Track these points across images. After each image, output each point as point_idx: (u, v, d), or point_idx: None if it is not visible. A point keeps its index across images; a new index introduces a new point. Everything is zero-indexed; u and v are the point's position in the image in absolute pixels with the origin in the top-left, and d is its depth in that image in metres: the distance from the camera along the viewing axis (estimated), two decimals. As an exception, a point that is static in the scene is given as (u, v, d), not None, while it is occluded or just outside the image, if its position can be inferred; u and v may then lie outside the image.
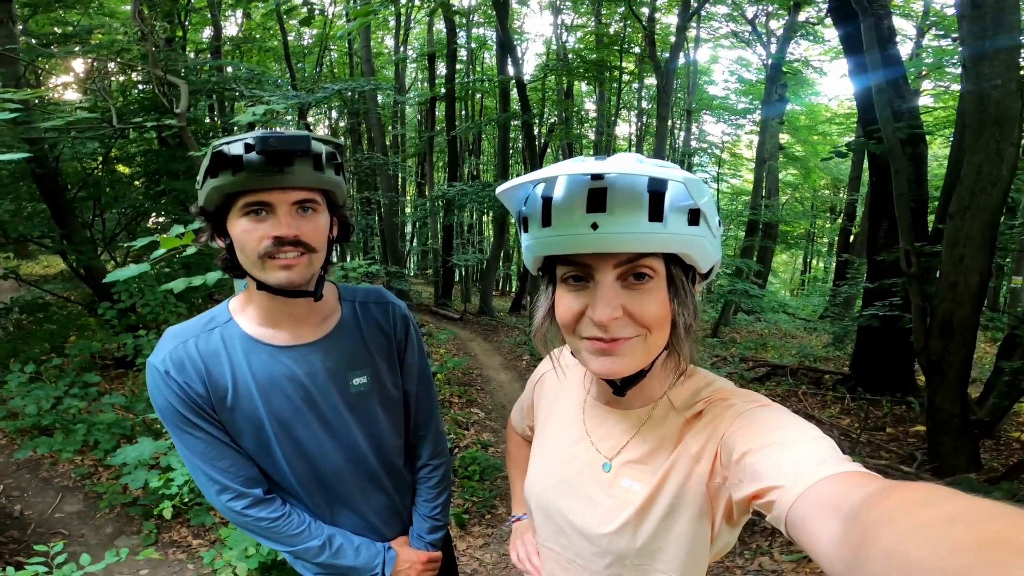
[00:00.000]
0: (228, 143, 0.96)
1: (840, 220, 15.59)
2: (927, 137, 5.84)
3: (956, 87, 9.11)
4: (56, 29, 8.08)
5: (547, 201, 0.70)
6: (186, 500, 2.47)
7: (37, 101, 4.69)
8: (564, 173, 0.65)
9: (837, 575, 0.48)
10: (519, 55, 12.15)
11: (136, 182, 7.64)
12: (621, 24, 13.61)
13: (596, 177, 0.67)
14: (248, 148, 0.95)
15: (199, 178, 1.01)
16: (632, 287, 0.70)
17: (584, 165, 0.65)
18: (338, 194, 1.09)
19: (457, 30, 13.71)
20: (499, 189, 0.72)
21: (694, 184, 0.66)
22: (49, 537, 3.20)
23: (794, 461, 0.58)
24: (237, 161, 0.95)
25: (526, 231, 0.75)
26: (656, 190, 0.66)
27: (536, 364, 0.99)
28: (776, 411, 0.70)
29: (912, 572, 0.40)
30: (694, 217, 0.68)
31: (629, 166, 0.65)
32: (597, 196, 0.66)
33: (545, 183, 0.72)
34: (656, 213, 0.66)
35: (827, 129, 17.31)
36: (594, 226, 0.66)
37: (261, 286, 1.05)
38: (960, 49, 3.42)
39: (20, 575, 1.65)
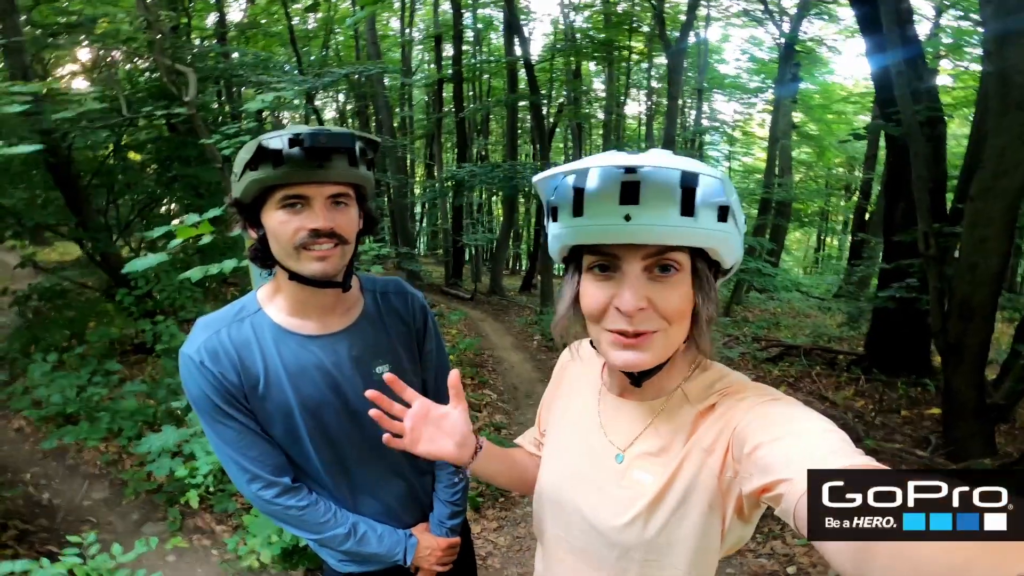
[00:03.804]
0: (270, 137, 0.99)
1: (855, 199, 15.37)
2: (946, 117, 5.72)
3: (976, 67, 8.89)
4: (60, 19, 8.05)
5: (579, 192, 0.71)
6: (211, 488, 2.53)
7: (46, 92, 4.70)
8: (599, 165, 0.67)
9: (844, 569, 0.49)
10: (526, 35, 12.00)
11: (148, 169, 7.68)
12: (630, 3, 13.36)
13: (630, 171, 0.68)
14: (292, 143, 0.97)
15: (236, 171, 1.04)
16: (658, 279, 0.71)
17: (619, 158, 0.66)
18: (368, 188, 1.12)
19: (463, 11, 13.52)
20: (536, 177, 0.75)
21: (726, 181, 0.68)
22: (78, 525, 3.26)
23: (803, 454, 0.59)
24: (277, 155, 0.98)
25: (555, 220, 0.77)
26: (688, 185, 0.67)
27: (547, 344, 0.98)
28: (789, 405, 0.71)
29: (918, 565, 0.41)
30: (723, 214, 0.70)
31: (663, 160, 0.66)
32: (630, 189, 0.68)
33: (576, 174, 0.73)
34: (688, 208, 0.67)
35: (842, 108, 16.95)
36: (627, 218, 0.67)
37: (293, 276, 1.07)
38: (982, 30, 3.35)
39: (56, 567, 1.70)
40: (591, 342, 0.82)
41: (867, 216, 12.51)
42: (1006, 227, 3.27)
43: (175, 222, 2.22)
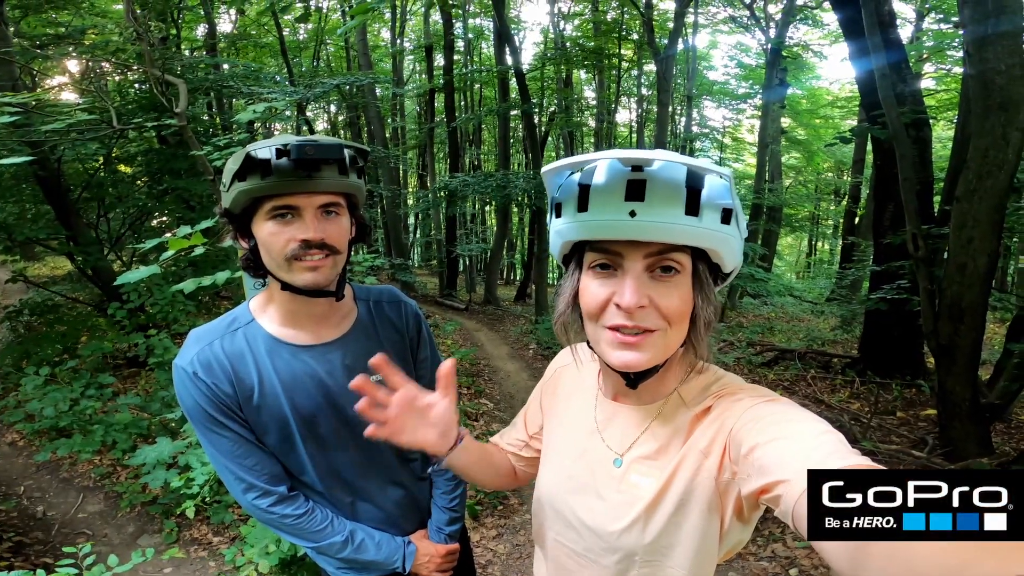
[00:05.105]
0: (258, 147, 0.98)
1: (845, 202, 15.52)
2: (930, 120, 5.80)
3: (958, 70, 9.05)
4: (48, 30, 8.04)
5: (584, 188, 0.72)
6: (207, 499, 2.50)
7: (35, 103, 4.68)
8: (606, 159, 0.68)
9: (841, 569, 0.49)
10: (517, 44, 12.07)
11: (138, 182, 7.65)
12: (619, 11, 13.49)
13: (636, 168, 0.68)
14: (279, 154, 0.97)
15: (225, 181, 1.03)
16: (659, 279, 0.72)
17: (626, 153, 0.67)
18: (359, 197, 1.12)
19: (454, 21, 13.61)
20: (544, 169, 0.75)
21: (731, 184, 0.70)
22: (73, 537, 3.26)
23: (801, 455, 0.59)
24: (266, 165, 0.97)
25: (559, 216, 0.77)
26: (693, 185, 0.68)
27: (543, 353, 0.96)
28: (785, 405, 0.71)
29: (914, 567, 0.41)
30: (727, 216, 0.70)
31: (670, 159, 0.67)
32: (636, 186, 0.68)
33: (581, 171, 0.73)
34: (692, 207, 0.68)
35: (829, 112, 17.17)
36: (632, 214, 0.68)
37: (286, 287, 1.07)
38: (961, 33, 3.39)
39: (51, 578, 1.69)
40: (588, 344, 0.82)
41: (857, 220, 12.63)
42: (993, 227, 3.29)
43: (167, 235, 2.21)
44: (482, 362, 7.56)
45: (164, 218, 7.68)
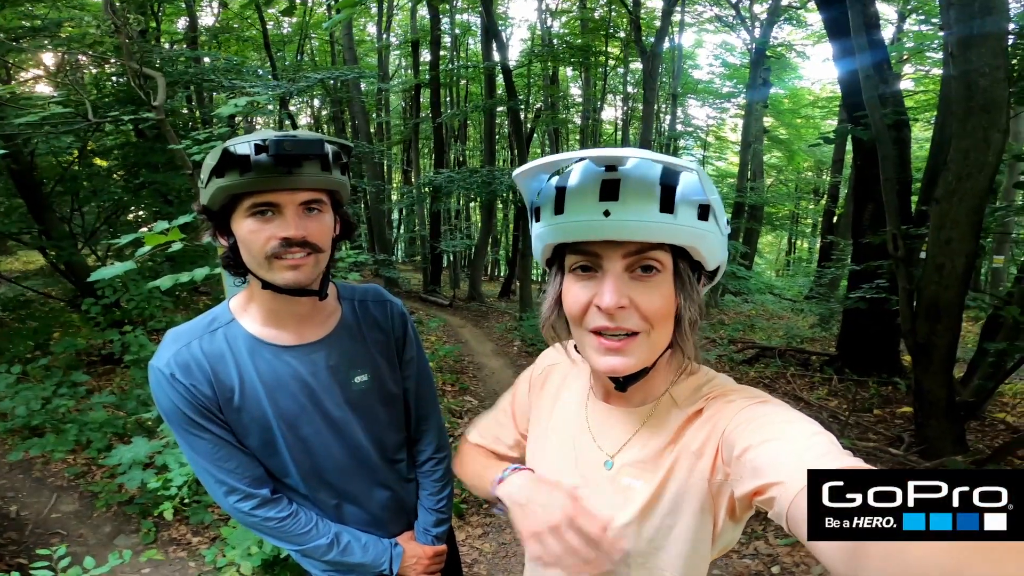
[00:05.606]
0: (236, 143, 0.95)
1: (823, 202, 15.74)
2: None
3: (936, 71, 9.22)
4: (24, 23, 7.84)
5: (560, 190, 0.71)
6: (185, 499, 2.45)
7: (9, 96, 4.55)
8: (579, 158, 0.68)
9: (836, 571, 0.49)
10: (504, 41, 12.02)
11: (114, 175, 7.50)
12: (606, 9, 13.52)
13: (610, 168, 0.68)
14: (258, 149, 0.94)
15: (203, 177, 1.00)
16: (639, 279, 0.71)
17: (600, 152, 0.66)
18: (343, 194, 1.09)
19: (441, 16, 13.53)
20: (516, 172, 0.74)
21: (706, 180, 0.68)
22: (48, 538, 3.19)
23: (794, 457, 0.59)
24: (244, 161, 0.94)
25: (538, 220, 0.76)
26: (668, 183, 0.67)
27: (527, 350, 0.93)
28: (776, 407, 0.71)
29: (911, 568, 0.40)
30: (703, 212, 0.70)
31: (643, 157, 0.67)
32: (610, 186, 0.67)
33: (559, 175, 0.73)
34: (667, 205, 0.67)
35: (810, 112, 17.43)
36: (606, 213, 0.67)
37: (266, 285, 1.04)
38: (943, 34, 3.42)
39: (26, 580, 1.65)
40: (575, 346, 0.81)
41: (835, 219, 12.80)
42: (971, 228, 3.32)
43: (143, 229, 2.16)
44: (466, 359, 7.54)
45: (140, 212, 7.55)
